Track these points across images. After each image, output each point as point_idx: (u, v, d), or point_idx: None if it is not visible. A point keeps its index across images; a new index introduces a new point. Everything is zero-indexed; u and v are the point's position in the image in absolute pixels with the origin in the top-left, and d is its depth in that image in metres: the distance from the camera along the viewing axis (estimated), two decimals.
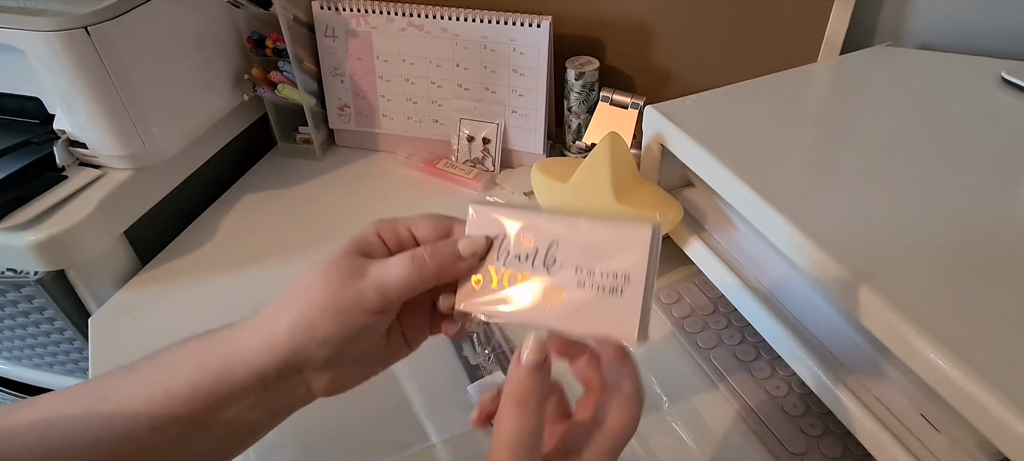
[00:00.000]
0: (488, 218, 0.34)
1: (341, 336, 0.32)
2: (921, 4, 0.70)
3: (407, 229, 0.35)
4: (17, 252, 0.59)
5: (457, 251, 0.34)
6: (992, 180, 0.48)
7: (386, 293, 0.32)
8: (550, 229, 0.32)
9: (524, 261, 0.33)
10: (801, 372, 0.47)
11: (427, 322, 0.37)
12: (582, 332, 0.32)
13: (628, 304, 0.31)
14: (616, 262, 0.31)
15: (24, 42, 0.58)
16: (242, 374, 0.32)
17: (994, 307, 0.37)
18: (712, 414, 0.51)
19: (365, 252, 0.34)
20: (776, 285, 0.51)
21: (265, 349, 0.32)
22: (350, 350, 0.33)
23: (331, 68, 0.82)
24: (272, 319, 0.33)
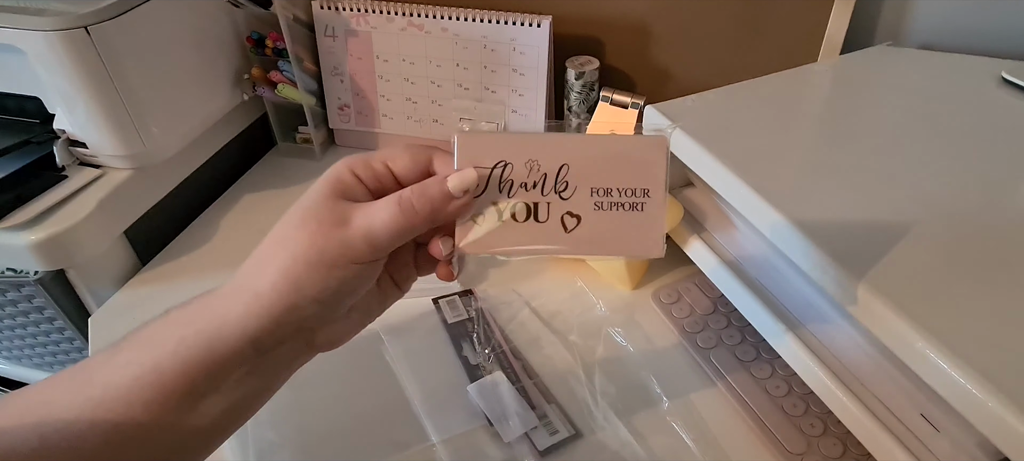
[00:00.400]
0: (481, 146, 0.31)
1: (332, 290, 0.30)
2: (921, 4, 0.70)
3: (383, 164, 0.33)
4: (17, 252, 0.59)
5: (447, 190, 0.31)
6: (992, 180, 0.48)
7: (375, 242, 0.30)
8: (559, 152, 0.31)
9: (532, 189, 0.31)
10: (801, 372, 0.47)
11: (413, 262, 0.35)
12: (607, 254, 0.32)
13: (650, 218, 0.30)
14: (634, 178, 0.30)
15: (24, 42, 0.58)
16: (233, 343, 0.30)
17: (994, 307, 0.37)
18: (712, 414, 0.51)
19: (344, 194, 0.32)
20: (776, 285, 0.51)
21: (253, 314, 0.30)
22: (343, 302, 0.32)
23: (331, 68, 0.82)
24: (255, 279, 0.31)
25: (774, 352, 0.50)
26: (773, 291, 0.51)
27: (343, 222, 0.30)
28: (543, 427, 0.49)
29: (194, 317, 0.31)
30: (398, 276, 0.36)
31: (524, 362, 0.55)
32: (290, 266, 0.30)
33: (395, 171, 0.33)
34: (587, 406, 0.51)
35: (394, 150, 0.33)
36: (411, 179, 0.32)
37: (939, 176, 0.49)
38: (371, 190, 0.33)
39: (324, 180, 0.32)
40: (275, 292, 0.30)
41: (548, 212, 0.31)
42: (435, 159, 0.33)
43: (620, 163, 0.30)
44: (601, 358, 0.55)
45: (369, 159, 0.33)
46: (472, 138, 0.31)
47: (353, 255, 0.30)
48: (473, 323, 0.58)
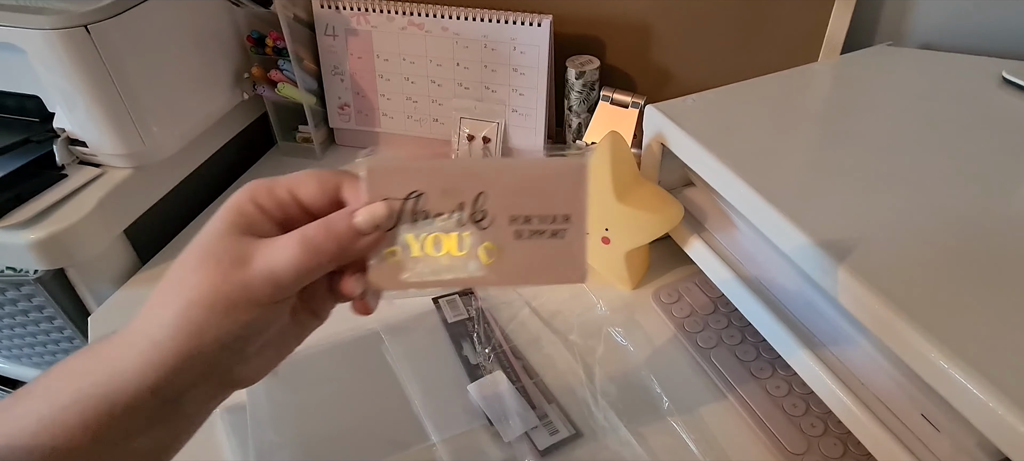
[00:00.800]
0: (391, 177, 0.29)
1: (235, 334, 0.28)
2: (922, 4, 0.70)
3: (287, 191, 0.30)
4: (17, 250, 0.59)
5: (354, 226, 0.28)
6: (993, 180, 0.48)
7: (278, 284, 0.28)
8: (475, 180, 0.29)
9: (449, 220, 0.29)
10: (801, 371, 0.47)
11: (329, 291, 0.32)
12: (529, 284, 0.31)
13: (572, 245, 0.29)
14: (554, 204, 0.29)
15: (24, 40, 0.58)
16: (132, 394, 0.27)
17: (995, 306, 0.37)
18: (712, 413, 0.51)
19: (245, 228, 0.29)
20: (777, 284, 0.51)
21: (151, 364, 0.27)
22: (250, 344, 0.29)
23: (331, 67, 0.82)
24: (151, 326, 0.28)
25: (774, 352, 0.50)
26: (773, 291, 0.51)
27: (243, 262, 0.28)
28: (543, 427, 0.49)
29: (91, 367, 0.28)
30: (314, 306, 0.33)
31: (524, 362, 0.55)
32: (187, 311, 0.27)
33: (302, 199, 0.30)
34: (587, 406, 0.51)
35: (301, 176, 0.30)
36: (319, 208, 0.30)
37: (939, 176, 0.49)
38: (276, 221, 0.30)
39: (223, 212, 0.29)
40: (173, 340, 0.27)
41: (466, 243, 0.29)
42: (344, 187, 0.30)
43: (539, 189, 0.29)
44: (601, 358, 0.55)
45: (273, 186, 0.30)
46: (381, 169, 0.29)
47: (255, 297, 0.28)
48: (473, 322, 0.58)
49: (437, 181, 0.29)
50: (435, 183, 0.29)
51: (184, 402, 0.29)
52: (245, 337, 0.29)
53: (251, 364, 0.31)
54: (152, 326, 0.28)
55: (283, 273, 0.28)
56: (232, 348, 0.28)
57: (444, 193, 0.29)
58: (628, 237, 0.58)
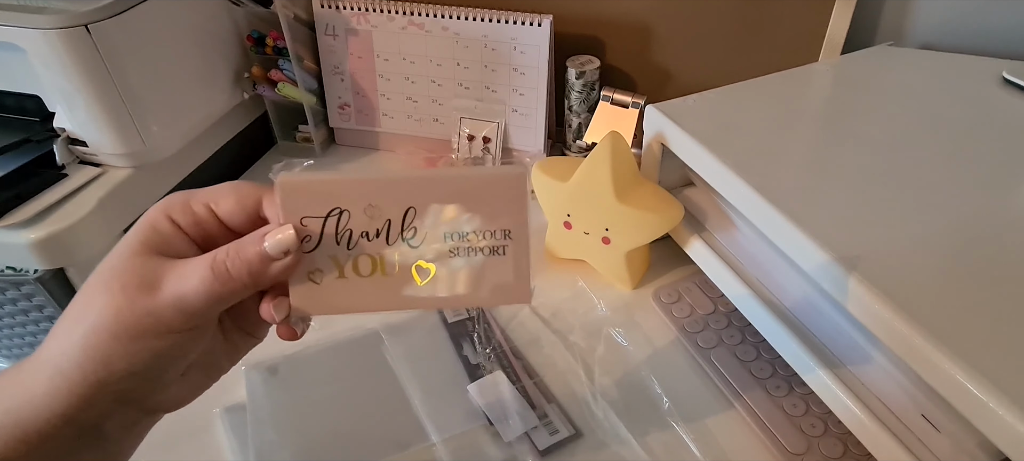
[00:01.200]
0: (309, 194, 0.27)
1: (144, 363, 0.26)
2: (923, 4, 0.70)
3: (205, 206, 0.28)
4: (17, 250, 0.59)
5: (264, 252, 0.26)
6: (993, 180, 0.48)
7: (188, 311, 0.26)
8: (401, 195, 0.27)
9: (376, 239, 0.27)
10: (802, 372, 0.47)
11: (257, 323, 0.31)
12: (468, 306, 0.29)
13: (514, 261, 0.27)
14: (492, 218, 0.27)
15: (24, 40, 0.58)
16: (44, 422, 0.26)
17: (995, 307, 0.37)
18: (712, 414, 0.51)
19: (157, 247, 0.27)
20: (777, 285, 0.51)
21: (61, 394, 0.26)
22: (165, 371, 0.27)
23: (331, 66, 0.82)
24: (55, 354, 0.26)
25: (774, 353, 0.50)
26: (774, 291, 0.51)
27: (151, 286, 0.26)
28: (543, 426, 0.49)
29: (3, 394, 0.27)
30: (247, 326, 0.31)
31: (524, 362, 0.55)
32: (92, 339, 0.25)
33: (220, 215, 0.29)
34: (587, 406, 0.51)
35: (220, 189, 0.29)
36: (239, 225, 0.28)
37: (940, 176, 0.48)
38: (193, 238, 0.28)
39: (136, 229, 0.28)
40: (79, 369, 0.25)
41: (396, 264, 0.27)
42: (264, 203, 0.28)
43: (475, 202, 0.27)
44: (601, 358, 0.55)
45: (189, 200, 0.29)
46: (296, 185, 0.26)
47: (164, 325, 0.26)
48: (473, 322, 0.58)
49: (360, 197, 0.27)
50: (358, 199, 0.27)
51: (105, 429, 0.27)
52: (159, 365, 0.27)
53: (173, 390, 0.29)
54: (56, 354, 0.26)
55: (193, 300, 0.26)
56: (145, 376, 0.26)
57: (369, 209, 0.27)
58: (628, 237, 0.58)
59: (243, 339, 0.31)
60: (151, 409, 0.29)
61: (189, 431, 0.50)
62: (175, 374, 0.28)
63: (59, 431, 0.26)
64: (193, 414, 0.52)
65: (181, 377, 0.29)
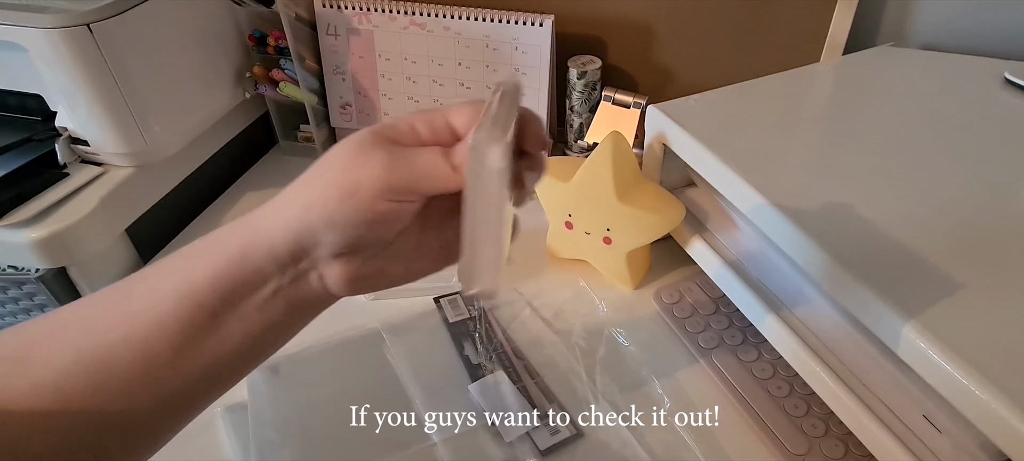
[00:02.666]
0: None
1: (349, 220, 0.29)
2: (924, 4, 0.70)
3: (443, 118, 0.31)
4: (19, 249, 0.59)
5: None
6: (994, 180, 0.48)
7: (395, 178, 0.29)
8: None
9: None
10: (802, 372, 0.47)
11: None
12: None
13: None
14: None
15: (26, 39, 0.58)
16: (261, 256, 0.30)
17: (997, 307, 0.37)
18: (713, 414, 0.51)
19: (392, 139, 0.30)
20: (778, 285, 0.51)
21: (280, 228, 0.30)
22: (364, 240, 0.30)
23: (333, 66, 0.82)
24: (291, 195, 0.31)
25: (776, 353, 0.50)
26: (775, 291, 0.51)
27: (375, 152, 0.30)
28: (544, 427, 0.49)
29: (238, 227, 0.31)
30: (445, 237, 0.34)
31: (525, 362, 0.55)
32: (321, 187, 0.30)
33: (455, 126, 0.31)
34: (588, 406, 0.51)
35: (457, 106, 0.32)
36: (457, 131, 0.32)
37: (941, 177, 0.48)
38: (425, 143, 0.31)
39: (380, 123, 0.31)
40: (301, 210, 0.30)
41: None
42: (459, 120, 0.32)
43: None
44: (602, 358, 0.55)
45: (432, 115, 0.32)
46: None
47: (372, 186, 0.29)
48: (475, 322, 0.58)
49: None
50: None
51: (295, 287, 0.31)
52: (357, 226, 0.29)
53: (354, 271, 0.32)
54: (293, 199, 0.30)
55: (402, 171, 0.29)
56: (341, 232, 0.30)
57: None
58: (629, 237, 0.58)
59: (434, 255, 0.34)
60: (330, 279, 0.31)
61: (190, 430, 0.50)
62: (368, 249, 0.31)
63: (268, 269, 0.30)
64: None
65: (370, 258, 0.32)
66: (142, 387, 0.30)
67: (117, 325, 0.30)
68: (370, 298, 0.62)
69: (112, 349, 0.29)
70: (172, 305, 0.30)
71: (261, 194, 0.79)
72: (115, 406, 0.30)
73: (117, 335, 0.30)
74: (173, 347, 0.30)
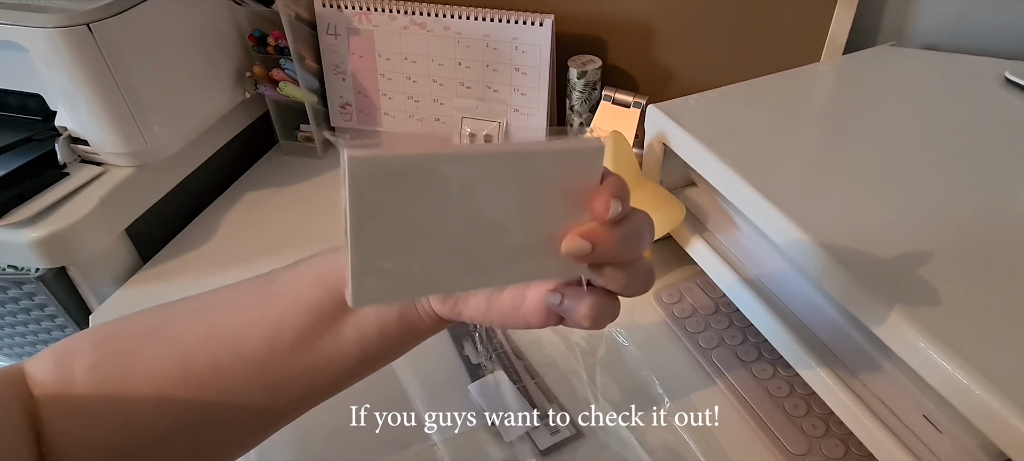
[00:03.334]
0: None
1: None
2: (925, 4, 0.70)
3: None
4: (18, 249, 0.59)
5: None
6: (995, 180, 0.48)
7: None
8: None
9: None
10: (803, 372, 0.47)
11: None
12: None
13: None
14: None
15: (26, 39, 0.58)
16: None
17: (997, 307, 0.37)
18: (713, 414, 0.51)
19: None
20: (778, 285, 0.51)
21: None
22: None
23: (333, 66, 0.82)
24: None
25: (776, 352, 0.50)
26: (775, 291, 0.51)
27: None
28: (544, 427, 0.49)
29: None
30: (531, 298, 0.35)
31: (526, 362, 0.55)
32: None
33: None
34: (588, 406, 0.51)
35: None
36: None
37: (942, 176, 0.48)
38: None
39: None
40: None
41: None
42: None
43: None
44: (603, 358, 0.55)
45: None
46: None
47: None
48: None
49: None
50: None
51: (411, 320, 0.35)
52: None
53: (453, 300, 0.35)
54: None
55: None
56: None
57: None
58: None
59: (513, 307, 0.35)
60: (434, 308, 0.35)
61: None
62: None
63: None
64: None
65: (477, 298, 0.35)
66: (259, 373, 0.33)
67: (255, 303, 0.33)
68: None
69: (244, 328, 0.33)
70: (311, 290, 0.33)
71: (261, 194, 0.79)
72: (229, 389, 0.32)
73: (254, 313, 0.33)
74: (298, 334, 0.33)
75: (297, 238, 0.72)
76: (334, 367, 0.35)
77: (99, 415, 0.31)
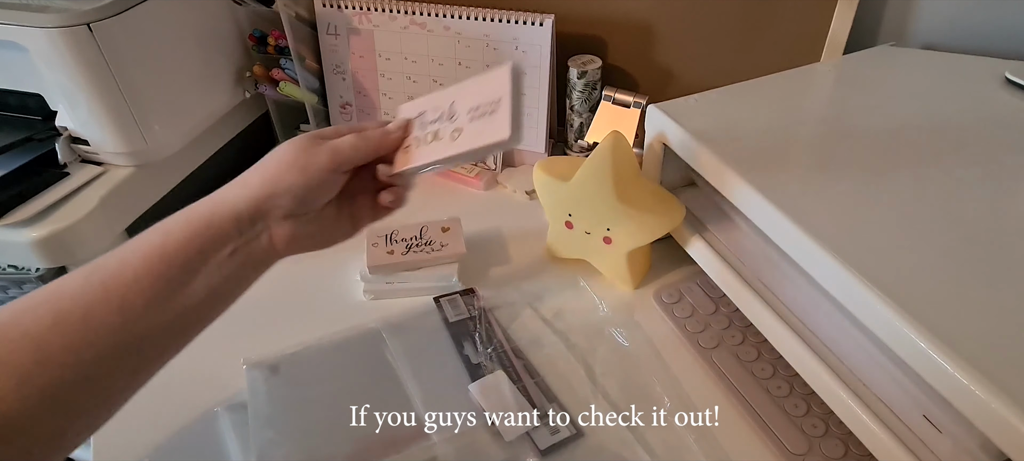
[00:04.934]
0: (410, 110, 0.47)
1: (301, 185, 0.40)
2: (924, 4, 0.70)
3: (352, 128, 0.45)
4: (19, 248, 0.59)
5: (387, 128, 0.45)
6: (995, 180, 0.48)
7: (338, 155, 0.41)
8: (448, 97, 0.45)
9: (436, 122, 0.45)
10: (803, 372, 0.47)
11: (370, 206, 0.46)
12: (475, 147, 0.42)
13: (500, 116, 0.41)
14: (491, 94, 0.42)
15: (26, 39, 0.58)
16: (225, 220, 0.38)
17: (997, 307, 0.37)
18: (713, 414, 0.51)
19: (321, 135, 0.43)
20: (778, 285, 0.51)
21: (242, 196, 0.39)
22: (308, 202, 0.41)
23: (333, 66, 0.82)
24: (250, 175, 0.41)
25: (776, 353, 0.50)
26: (775, 291, 0.51)
27: (318, 145, 0.41)
28: (544, 426, 0.49)
29: (199, 204, 0.39)
30: (357, 212, 0.45)
31: (525, 361, 0.55)
32: (276, 166, 0.40)
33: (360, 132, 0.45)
34: (588, 406, 0.51)
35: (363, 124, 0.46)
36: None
37: (942, 176, 0.48)
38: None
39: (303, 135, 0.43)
40: (260, 181, 0.40)
41: (446, 132, 0.44)
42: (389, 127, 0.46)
43: (482, 89, 0.43)
44: (603, 358, 0.55)
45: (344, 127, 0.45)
46: (408, 106, 0.47)
47: (322, 162, 0.41)
48: (475, 322, 0.58)
49: (430, 103, 0.46)
50: (429, 104, 0.46)
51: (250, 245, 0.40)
52: (307, 190, 0.40)
53: (296, 231, 0.41)
54: (251, 175, 0.40)
55: (342, 147, 0.42)
56: (294, 196, 0.40)
57: (435, 109, 0.45)
58: (629, 237, 0.58)
59: (346, 224, 0.45)
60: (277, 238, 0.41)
61: (191, 430, 0.50)
62: (310, 208, 0.41)
63: (230, 229, 0.39)
64: (195, 413, 0.52)
65: (309, 219, 0.42)
66: (118, 340, 0.35)
67: (95, 286, 0.35)
68: (370, 298, 0.62)
69: (92, 307, 0.35)
70: (147, 265, 0.36)
71: None
72: (92, 358, 0.34)
73: (97, 294, 0.35)
74: (147, 301, 0.36)
75: None
76: (191, 315, 0.38)
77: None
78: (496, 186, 0.80)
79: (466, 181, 0.79)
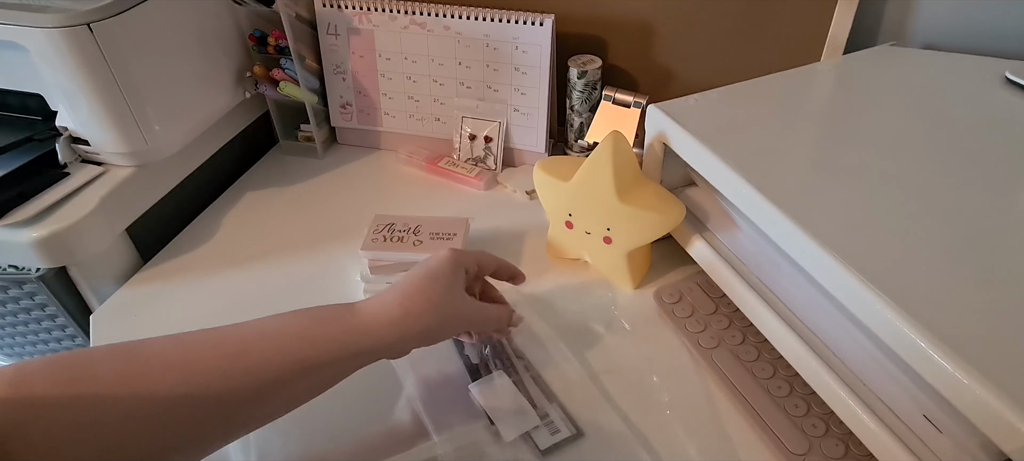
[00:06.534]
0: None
1: (438, 335, 0.46)
2: (925, 4, 0.70)
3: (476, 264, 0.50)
4: (19, 249, 0.59)
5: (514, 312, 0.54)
6: (995, 180, 0.48)
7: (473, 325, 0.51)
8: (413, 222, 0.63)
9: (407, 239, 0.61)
10: (803, 372, 0.47)
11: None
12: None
13: (456, 242, 0.60)
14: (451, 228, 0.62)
15: (27, 39, 0.58)
16: (367, 356, 0.43)
17: (998, 307, 0.37)
18: (713, 414, 0.51)
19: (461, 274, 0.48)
20: (779, 285, 0.51)
21: (388, 332, 0.43)
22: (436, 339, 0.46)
23: (333, 66, 0.82)
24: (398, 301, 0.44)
25: (776, 353, 0.50)
26: (775, 291, 0.51)
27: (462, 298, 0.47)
28: (544, 426, 0.49)
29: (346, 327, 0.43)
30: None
31: (526, 361, 0.55)
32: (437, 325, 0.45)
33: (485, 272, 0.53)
34: (588, 405, 0.51)
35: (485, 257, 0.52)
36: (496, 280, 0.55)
37: (942, 176, 0.48)
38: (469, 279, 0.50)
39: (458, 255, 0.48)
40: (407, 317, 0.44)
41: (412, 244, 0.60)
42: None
43: (444, 226, 0.62)
44: (603, 357, 0.55)
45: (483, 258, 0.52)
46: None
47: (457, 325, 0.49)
48: None
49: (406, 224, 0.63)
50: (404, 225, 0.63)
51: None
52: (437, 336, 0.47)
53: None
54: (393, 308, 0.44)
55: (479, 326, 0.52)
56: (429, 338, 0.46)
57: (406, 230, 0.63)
58: (630, 237, 0.58)
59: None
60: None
61: None
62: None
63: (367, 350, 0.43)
64: None
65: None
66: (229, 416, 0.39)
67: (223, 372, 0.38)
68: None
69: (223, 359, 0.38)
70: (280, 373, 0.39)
71: (261, 194, 0.79)
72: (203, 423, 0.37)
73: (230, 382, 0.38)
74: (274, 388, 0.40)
75: (297, 238, 0.72)
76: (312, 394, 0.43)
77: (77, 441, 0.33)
78: (496, 186, 0.80)
79: (466, 180, 0.79)
